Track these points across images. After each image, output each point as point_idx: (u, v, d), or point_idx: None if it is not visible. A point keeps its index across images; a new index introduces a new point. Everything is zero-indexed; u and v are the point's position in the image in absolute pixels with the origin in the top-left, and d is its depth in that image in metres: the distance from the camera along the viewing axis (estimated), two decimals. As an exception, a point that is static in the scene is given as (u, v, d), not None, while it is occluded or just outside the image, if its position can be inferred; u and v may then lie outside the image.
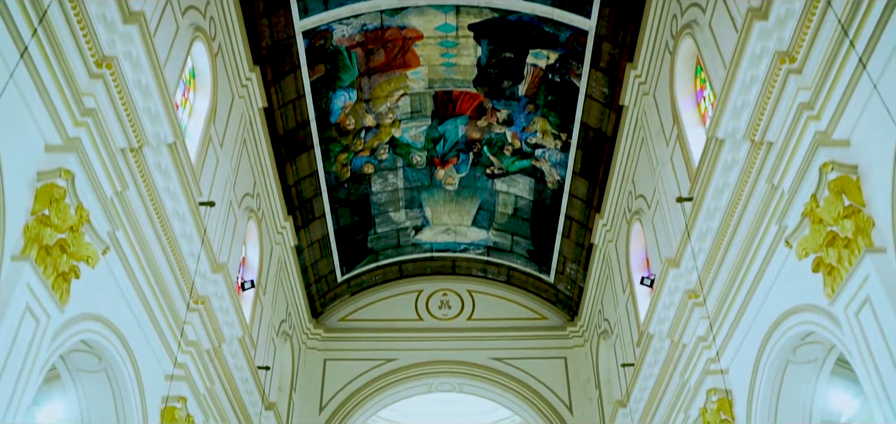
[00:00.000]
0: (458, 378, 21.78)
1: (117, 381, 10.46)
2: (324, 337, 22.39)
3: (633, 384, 15.61)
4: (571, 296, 22.31)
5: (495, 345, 22.20)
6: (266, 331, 17.56)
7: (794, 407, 10.69)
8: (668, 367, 13.92)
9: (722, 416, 11.68)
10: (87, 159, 8.62)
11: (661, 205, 14.34)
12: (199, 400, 12.54)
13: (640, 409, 15.70)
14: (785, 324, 9.94)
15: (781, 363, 10.48)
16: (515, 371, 21.79)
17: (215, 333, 13.01)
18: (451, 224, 21.98)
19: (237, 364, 14.53)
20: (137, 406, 10.75)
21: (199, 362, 12.50)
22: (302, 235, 20.29)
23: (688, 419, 12.90)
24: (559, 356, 22.25)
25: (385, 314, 22.99)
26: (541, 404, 21.34)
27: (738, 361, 11.45)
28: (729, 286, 11.46)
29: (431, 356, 21.95)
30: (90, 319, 9.29)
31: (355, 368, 21.90)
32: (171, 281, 11.54)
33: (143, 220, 10.47)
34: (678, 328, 13.02)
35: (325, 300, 22.78)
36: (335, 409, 21.28)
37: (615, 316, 18.44)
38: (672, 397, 13.99)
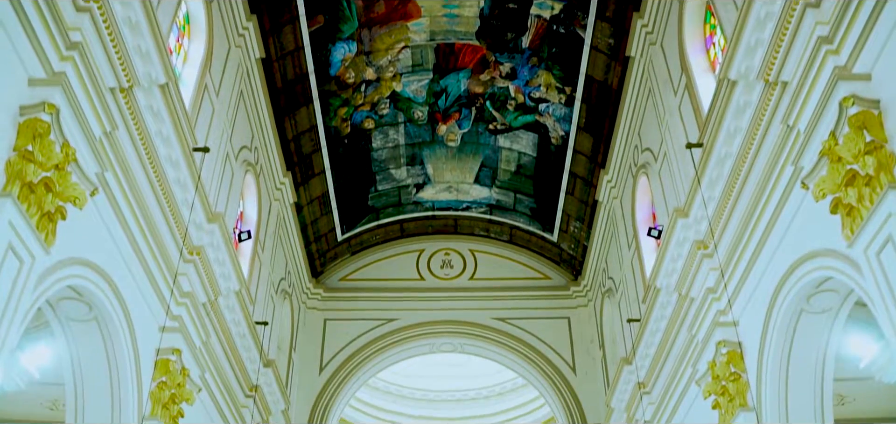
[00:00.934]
0: (460, 338, 21.49)
1: (109, 331, 10.14)
2: (324, 297, 22.10)
3: (639, 340, 15.31)
4: (575, 255, 21.98)
5: (497, 305, 21.90)
6: (265, 288, 17.26)
7: (806, 358, 10.38)
8: (675, 321, 13.61)
9: (731, 369, 11.36)
10: (74, 95, 8.24)
11: (669, 156, 13.97)
12: (195, 354, 12.24)
13: (645, 366, 15.41)
14: (799, 271, 9.59)
15: (794, 312, 10.14)
16: (518, 332, 21.51)
17: (211, 285, 12.70)
18: (452, 182, 21.60)
19: (234, 319, 14.23)
20: (130, 356, 10.45)
21: (194, 314, 12.19)
22: (301, 192, 19.94)
23: (696, 373, 12.59)
24: (562, 316, 21.96)
25: (386, 273, 22.68)
26: (543, 364, 21.08)
27: (749, 312, 11.12)
28: (740, 234, 11.11)
29: (433, 317, 21.66)
30: (78, 264, 8.96)
31: (356, 328, 21.61)
32: (165, 229, 11.20)
33: (134, 163, 10.10)
34: (686, 281, 12.69)
35: (325, 259, 22.46)
36: (336, 369, 21.03)
37: (620, 274, 18.12)
38: (679, 351, 13.69)
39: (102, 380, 10.38)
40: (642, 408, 15.62)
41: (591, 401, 20.46)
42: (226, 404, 14.52)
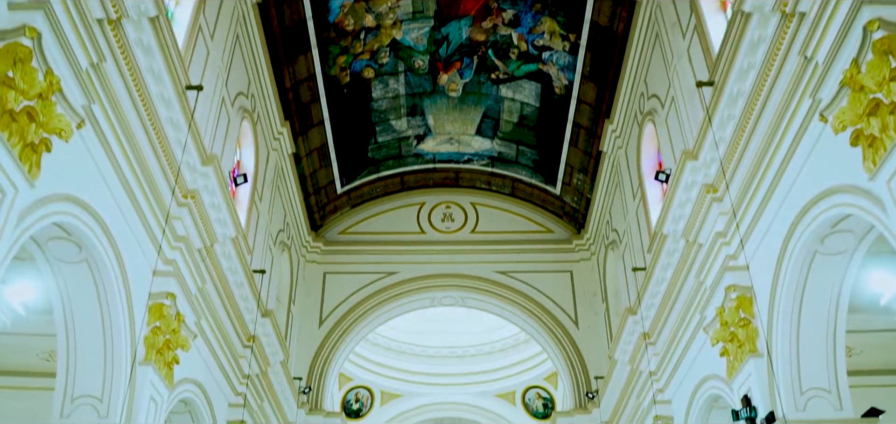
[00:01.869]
0: (461, 291, 21.21)
1: (100, 272, 9.82)
2: (323, 250, 21.79)
3: (645, 289, 15.01)
4: (578, 208, 21.63)
5: (499, 258, 21.59)
6: (263, 239, 16.93)
7: (820, 301, 10.06)
8: (682, 268, 13.28)
9: (741, 314, 11.06)
10: (57, 21, 7.83)
11: (677, 101, 13.57)
12: (190, 299, 11.93)
13: (650, 316, 15.11)
14: (813, 211, 9.24)
15: (808, 255, 9.81)
16: (520, 285, 21.22)
17: (207, 231, 12.35)
18: (454, 133, 21.19)
19: (231, 267, 13.91)
20: (122, 300, 10.14)
21: (189, 259, 11.86)
22: (300, 143, 19.56)
23: (704, 319, 12.29)
24: (565, 269, 21.67)
25: (386, 227, 22.34)
26: (545, 318, 20.82)
27: (760, 256, 10.78)
28: (751, 175, 10.74)
29: (434, 270, 21.36)
30: (65, 200, 8.60)
31: (356, 281, 21.33)
32: (157, 170, 10.82)
33: (124, 99, 9.70)
34: (694, 227, 12.34)
35: (324, 212, 22.11)
36: (335, 322, 20.78)
37: (624, 224, 17.79)
38: (686, 299, 13.38)
39: (94, 324, 10.07)
40: (647, 358, 15.35)
41: (593, 355, 20.23)
42: (223, 353, 14.26)
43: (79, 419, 10.08)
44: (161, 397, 11.16)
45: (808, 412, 10.11)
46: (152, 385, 10.82)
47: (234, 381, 14.99)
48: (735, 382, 11.30)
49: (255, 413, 15.91)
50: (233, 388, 14.95)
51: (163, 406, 11.26)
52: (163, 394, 11.21)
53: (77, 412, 10.14)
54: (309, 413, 19.32)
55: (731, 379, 11.40)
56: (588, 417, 19.44)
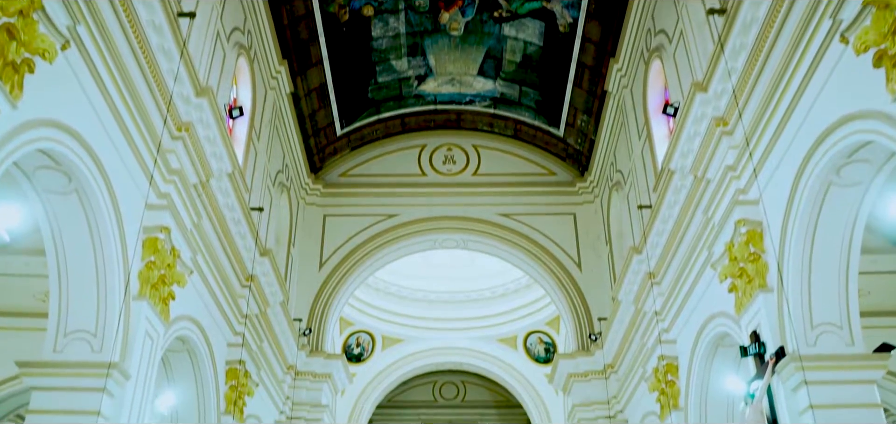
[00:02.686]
0: (463, 234, 20.93)
1: (90, 204, 9.51)
2: (323, 193, 21.48)
3: (650, 227, 14.70)
4: (581, 150, 21.27)
5: (501, 201, 21.28)
6: (261, 179, 16.61)
7: (833, 234, 9.76)
8: (689, 205, 12.97)
9: (750, 249, 10.76)
10: (37, -66, 7.43)
11: (686, 34, 13.15)
12: (186, 235, 11.63)
13: (656, 255, 14.84)
14: (831, 138, 8.89)
15: (823, 186, 9.48)
16: (522, 228, 20.93)
17: (202, 165, 12.02)
18: (455, 73, 20.74)
19: (228, 203, 13.61)
20: (115, 232, 9.85)
21: (184, 194, 11.53)
22: (299, 83, 19.15)
23: (711, 256, 12.00)
24: (568, 212, 21.37)
25: (387, 169, 21.99)
26: (548, 260, 20.57)
27: (772, 190, 10.45)
28: (764, 105, 10.37)
29: (435, 212, 21.07)
30: (51, 126, 8.26)
31: (356, 224, 21.05)
32: (148, 99, 10.46)
33: (112, 23, 9.30)
34: (703, 162, 12.00)
35: (324, 154, 21.76)
36: (336, 265, 20.54)
37: (629, 165, 17.45)
38: (693, 236, 13.09)
39: (86, 257, 9.80)
40: (652, 298, 15.11)
41: (596, 297, 20.01)
42: (221, 292, 14.02)
43: (72, 353, 9.86)
44: (157, 333, 10.93)
45: (819, 347, 9.87)
46: (148, 321, 10.58)
47: (233, 320, 14.78)
48: (743, 318, 11.05)
49: (255, 353, 15.72)
50: (231, 328, 14.74)
51: (159, 342, 11.04)
52: (159, 330, 10.97)
53: (70, 346, 9.91)
54: (309, 355, 19.16)
55: (740, 316, 11.15)
56: (590, 359, 19.27)
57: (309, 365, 19.17)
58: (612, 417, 18.84)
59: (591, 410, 19.19)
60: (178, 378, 13.39)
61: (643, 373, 16.04)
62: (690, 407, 13.99)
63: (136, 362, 10.30)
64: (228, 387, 14.44)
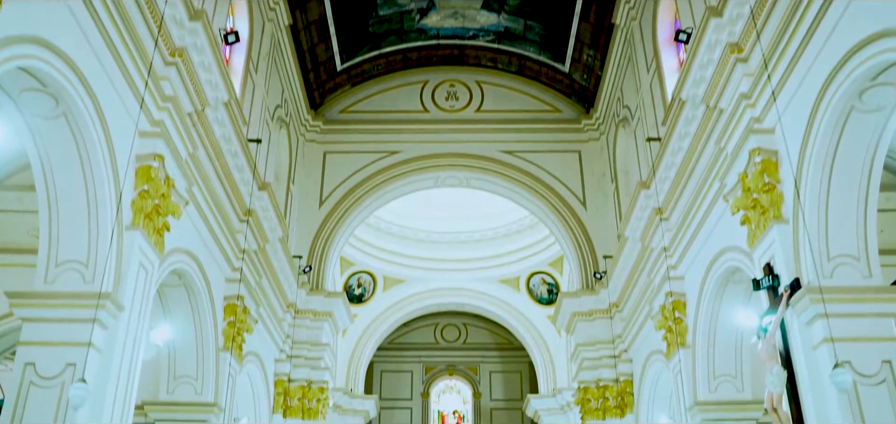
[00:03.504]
0: (466, 171, 20.53)
1: (80, 129, 9.13)
2: (323, 129, 21.05)
3: (659, 160, 14.31)
4: (587, 86, 20.78)
5: (505, 138, 20.84)
6: (259, 112, 16.18)
7: (853, 162, 9.36)
8: (700, 135, 12.56)
9: (765, 179, 10.39)
10: None
11: (699, -42, 12.63)
12: (180, 164, 11.25)
13: (664, 189, 14.46)
14: (855, 60, 8.46)
15: (843, 111, 9.07)
16: (526, 165, 20.53)
17: (197, 93, 11.60)
18: (458, 7, 20.15)
19: (224, 134, 13.20)
20: (106, 159, 9.48)
21: (178, 122, 11.12)
22: (297, 15, 18.61)
23: (723, 188, 11.63)
24: (573, 150, 20.96)
25: (388, 105, 21.52)
26: (553, 198, 20.20)
27: (789, 116, 10.02)
28: (783, 28, 9.91)
29: (437, 150, 20.64)
30: (33, 42, 7.84)
31: (357, 161, 20.65)
32: (139, 20, 9.99)
33: (97, -64, 8.85)
34: (716, 90, 11.56)
35: (323, 90, 21.28)
36: (336, 202, 20.18)
37: (637, 99, 17.00)
38: (704, 168, 12.70)
39: (76, 185, 9.45)
40: (660, 234, 14.78)
41: (601, 236, 19.69)
42: (218, 226, 13.69)
43: (64, 284, 9.56)
44: (151, 264, 10.62)
45: (835, 278, 9.54)
46: (141, 251, 10.26)
47: (231, 256, 14.47)
48: (756, 251, 10.72)
49: (254, 290, 15.44)
50: (229, 263, 14.44)
51: (153, 274, 10.73)
52: (153, 261, 10.66)
53: (62, 277, 9.61)
54: (309, 293, 18.89)
55: (753, 249, 10.82)
56: (595, 298, 19.01)
57: (309, 303, 18.92)
58: (616, 356, 18.64)
59: (595, 349, 18.98)
60: (174, 313, 13.11)
61: (650, 311, 15.78)
62: (698, 345, 13.74)
63: (130, 293, 10.00)
64: (227, 323, 14.18)
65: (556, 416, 25.29)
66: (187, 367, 13.55)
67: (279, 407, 17.99)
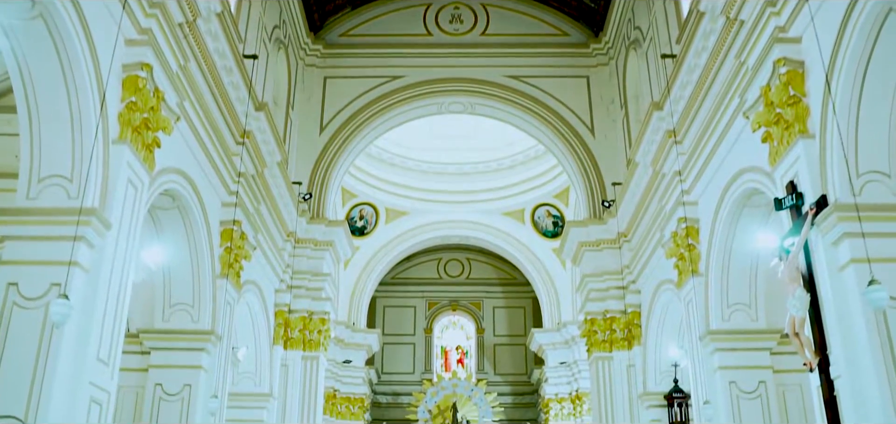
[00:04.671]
0: (470, 97, 19.86)
1: (59, 32, 8.53)
2: (323, 54, 20.34)
3: (674, 79, 13.66)
4: (596, 8, 20.00)
5: (511, 62, 20.11)
6: (255, 31, 15.50)
7: (888, 70, 8.73)
8: (719, 49, 11.90)
9: (790, 92, 9.78)
10: None
11: None
12: (171, 77, 10.63)
13: (679, 110, 13.84)
14: (895, -45, 7.82)
15: (880, 15, 8.41)
16: (533, 91, 19.85)
17: (187, 1, 10.92)
18: (463, -75, 19.36)
19: (218, 49, 12.57)
20: (89, 67, 8.90)
21: (168, 32, 10.47)
22: (295, -68, 17.84)
23: (743, 104, 11.02)
24: (581, 75, 20.26)
25: (390, 28, 20.73)
26: (559, 125, 19.57)
27: (819, 21, 9.25)
28: (814, -73, 9.24)
29: (441, 74, 19.94)
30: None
31: (358, 86, 19.98)
32: (122, -83, 9.36)
33: None
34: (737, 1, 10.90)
35: (323, 12, 20.50)
36: (337, 129, 19.57)
37: (649, 18, 16.29)
38: (723, 83, 12.07)
39: (57, 94, 8.89)
40: (672, 158, 14.20)
41: (609, 164, 19.10)
42: (213, 147, 13.13)
43: (47, 200, 9.06)
44: (141, 182, 10.09)
45: (864, 196, 8.98)
46: (130, 167, 9.73)
47: (228, 179, 13.94)
48: (778, 170, 10.16)
49: (252, 215, 14.92)
50: (226, 187, 13.91)
51: (143, 191, 10.20)
52: (143, 178, 10.13)
53: (45, 193, 9.12)
54: (310, 222, 18.39)
55: (774, 167, 10.25)
56: (603, 228, 18.50)
57: (309, 232, 18.44)
58: (624, 287, 18.20)
59: (603, 280, 18.52)
60: (168, 237, 12.61)
61: (660, 238, 15.26)
62: (711, 272, 13.23)
63: (118, 211, 9.49)
64: (223, 249, 13.69)
65: (561, 350, 25.01)
66: (183, 294, 13.11)
67: (280, 339, 17.62)
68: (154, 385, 12.72)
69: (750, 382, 12.76)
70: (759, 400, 12.71)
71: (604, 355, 18.14)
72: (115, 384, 9.49)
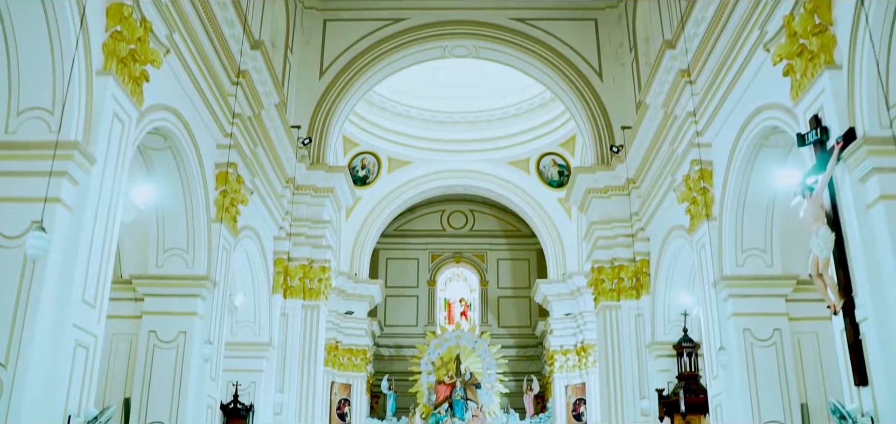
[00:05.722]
0: (475, 39, 19.23)
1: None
2: (322, -5, 19.73)
3: (688, 14, 13.06)
4: (606, -52, 19.33)
5: (516, 4, 19.42)
6: (251, -33, 14.88)
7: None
8: (738, -19, 11.33)
9: (815, 20, 9.20)
10: None
11: None
12: (159, 7, 10.10)
13: (693, 48, 13.23)
14: None
15: (916, -69, 7.85)
16: (538, 34, 19.21)
17: (174, -73, 10.35)
18: None
19: (210, -17, 12.01)
20: (68, -8, 8.34)
21: (154, -41, 9.93)
22: None
23: (764, 35, 10.46)
24: (588, 17, 19.62)
25: (393, -32, 20.08)
26: (566, 68, 18.97)
27: (846, -55, 8.77)
28: None
29: (445, 16, 19.30)
30: None
31: (359, 29, 19.36)
32: None
33: None
34: (758, -74, 10.30)
35: (322, -48, 19.85)
36: (337, 73, 19.02)
37: (661, -45, 15.65)
38: (741, 17, 11.42)
39: (35, 22, 8.34)
40: (685, 98, 13.64)
41: (618, 110, 18.53)
42: (207, 85, 12.59)
43: (27, 133, 8.57)
44: (128, 116, 9.58)
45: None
46: (115, 100, 9.21)
47: (223, 120, 13.41)
48: (801, 104, 9.62)
49: (248, 158, 14.41)
50: (221, 128, 13.39)
51: (131, 127, 9.70)
52: (130, 113, 9.62)
53: (25, 126, 8.64)
54: (310, 168, 17.90)
55: (797, 102, 9.71)
56: (611, 174, 17.98)
57: (309, 178, 17.95)
58: (632, 235, 17.72)
59: (610, 228, 18.04)
60: (161, 178, 12.13)
61: (672, 182, 14.74)
62: (725, 216, 12.72)
63: (103, 146, 9.00)
64: (219, 192, 13.21)
65: (566, 301, 24.59)
66: (177, 238, 12.66)
67: (279, 287, 17.21)
68: (148, 332, 12.33)
69: (764, 329, 12.34)
70: (773, 348, 12.30)
71: (611, 304, 17.71)
72: (102, 328, 9.06)
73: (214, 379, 12.92)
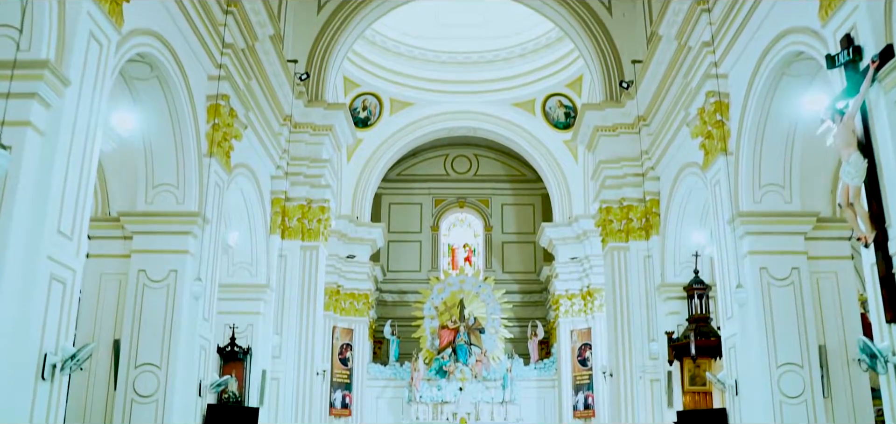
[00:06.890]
0: (479, -28, 18.48)
1: None
2: (320, -75, 18.90)
3: (705, -66, 12.33)
4: None
5: (523, -65, 18.67)
6: None
7: None
8: None
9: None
10: None
11: None
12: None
13: (710, -30, 12.52)
14: None
15: None
16: (546, -35, 18.44)
17: None
18: None
19: None
20: None
21: None
22: None
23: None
24: (598, -52, 18.81)
25: None
26: (574, 2, 18.17)
27: None
28: None
29: (448, -53, 18.55)
30: None
31: (360, -41, 18.60)
32: None
33: None
34: None
35: None
36: (336, 7, 18.25)
37: None
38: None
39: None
40: (701, 27, 12.92)
41: (628, 44, 17.79)
42: (195, 11, 11.93)
43: (-5, 52, 7.90)
44: (107, 38, 8.96)
45: (938, 45, 7.79)
46: (91, 18, 8.57)
47: (214, 51, 12.75)
48: (830, 24, 8.95)
49: (242, 92, 13.76)
50: (212, 58, 12.74)
51: (110, 50, 9.07)
52: (109, 35, 8.99)
53: (-8, 44, 7.94)
54: (308, 105, 17.26)
55: (826, 21, 9.04)
56: (620, 111, 17.32)
57: (307, 116, 17.32)
58: (642, 174, 17.10)
59: (619, 167, 17.42)
60: (148, 110, 11.51)
61: (685, 117, 14.07)
62: (742, 150, 12.08)
63: (78, 67, 8.38)
64: (210, 126, 12.59)
65: (572, 245, 24.01)
66: (166, 174, 12.09)
67: (277, 228, 16.68)
68: (137, 271, 11.80)
69: (782, 268, 11.78)
70: (791, 288, 11.74)
71: (619, 245, 17.16)
72: (81, 262, 8.51)
73: (207, 320, 12.43)
